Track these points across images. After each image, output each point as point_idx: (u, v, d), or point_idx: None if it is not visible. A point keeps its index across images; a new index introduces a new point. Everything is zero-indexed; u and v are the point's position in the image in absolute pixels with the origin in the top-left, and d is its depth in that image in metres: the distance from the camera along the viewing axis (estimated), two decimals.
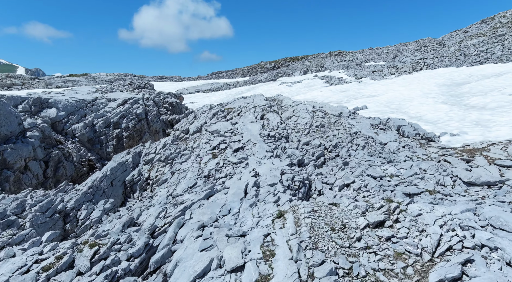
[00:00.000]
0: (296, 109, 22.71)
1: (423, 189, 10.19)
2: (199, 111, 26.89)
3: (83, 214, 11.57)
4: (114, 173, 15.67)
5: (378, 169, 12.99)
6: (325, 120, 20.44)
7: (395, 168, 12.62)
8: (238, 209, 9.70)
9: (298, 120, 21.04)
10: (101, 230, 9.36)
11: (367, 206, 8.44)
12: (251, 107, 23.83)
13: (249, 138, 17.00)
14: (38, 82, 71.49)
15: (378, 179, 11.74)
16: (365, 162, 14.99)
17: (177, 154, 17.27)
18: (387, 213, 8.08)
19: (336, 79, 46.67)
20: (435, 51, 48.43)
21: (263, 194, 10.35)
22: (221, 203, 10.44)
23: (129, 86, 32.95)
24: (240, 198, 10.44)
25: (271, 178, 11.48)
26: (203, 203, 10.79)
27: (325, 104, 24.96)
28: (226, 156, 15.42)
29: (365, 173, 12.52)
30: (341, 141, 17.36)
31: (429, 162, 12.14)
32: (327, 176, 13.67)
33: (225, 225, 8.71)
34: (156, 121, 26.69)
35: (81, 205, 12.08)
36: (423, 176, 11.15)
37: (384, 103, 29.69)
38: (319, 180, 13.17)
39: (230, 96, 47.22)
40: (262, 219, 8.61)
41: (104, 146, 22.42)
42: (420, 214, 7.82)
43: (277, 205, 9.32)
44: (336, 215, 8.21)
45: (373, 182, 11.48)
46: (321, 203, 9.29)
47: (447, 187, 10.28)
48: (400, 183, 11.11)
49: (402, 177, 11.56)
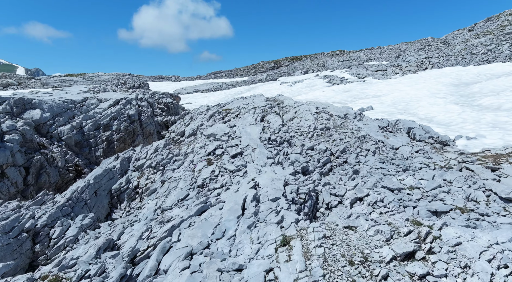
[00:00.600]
0: (299, 110, 21.14)
1: (451, 206, 8.61)
2: (195, 112, 25.33)
3: (57, 232, 10.00)
4: (99, 181, 14.09)
5: (394, 179, 11.41)
6: (330, 122, 18.87)
7: (413, 178, 11.04)
8: (234, 230, 8.11)
9: (301, 122, 19.47)
10: (69, 258, 7.78)
11: (392, 231, 6.87)
12: (250, 108, 22.26)
13: (248, 142, 15.42)
14: (35, 82, 69.84)
15: (396, 191, 10.16)
16: (377, 169, 13.41)
17: (169, 160, 15.69)
18: (417, 241, 6.51)
19: (339, 79, 45.09)
20: (440, 50, 46.85)
21: (264, 212, 8.77)
22: (214, 221, 8.86)
23: (123, 85, 31.32)
24: (237, 216, 8.86)
25: (273, 191, 9.90)
26: (194, 221, 9.22)
27: (328, 105, 23.41)
28: (223, 162, 13.84)
29: (379, 184, 10.94)
30: (349, 145, 15.78)
31: (454, 173, 10.57)
32: (335, 186, 12.08)
33: (217, 254, 7.13)
34: (150, 123, 25.11)
35: (56, 221, 10.50)
36: (449, 189, 9.59)
37: (390, 103, 28.11)
38: (327, 192, 11.59)
39: (229, 96, 45.64)
40: (263, 246, 7.04)
41: (93, 150, 20.83)
42: (459, 243, 6.25)
43: (281, 228, 7.75)
44: (354, 243, 6.64)
45: (391, 195, 9.90)
46: (333, 225, 7.71)
47: (480, 203, 8.71)
48: (423, 197, 9.54)
49: (423, 190, 9.99)
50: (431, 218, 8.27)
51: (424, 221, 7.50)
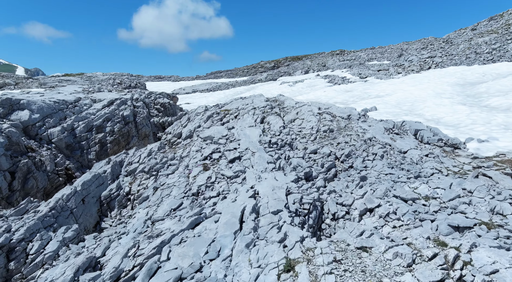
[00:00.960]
0: (300, 111, 20.14)
1: (475, 220, 7.63)
2: (193, 113, 24.34)
3: (35, 247, 9.00)
4: (87, 188, 13.09)
5: (406, 187, 10.41)
6: (334, 124, 17.88)
7: (428, 186, 10.04)
8: (231, 250, 7.12)
9: (302, 123, 18.48)
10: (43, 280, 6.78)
11: (413, 254, 5.89)
12: (250, 108, 21.27)
13: (247, 145, 14.43)
14: (32, 82, 68.84)
15: (410, 202, 9.17)
16: (385, 175, 12.42)
17: (163, 164, 14.70)
18: (445, 267, 5.53)
19: (340, 79, 44.10)
20: (443, 49, 45.86)
21: (264, 227, 7.77)
22: (209, 237, 7.86)
23: (119, 85, 30.32)
24: (234, 231, 7.86)
25: (274, 202, 8.90)
26: (187, 236, 8.22)
27: (331, 105, 22.42)
28: (220, 168, 12.84)
29: (390, 193, 9.95)
30: (355, 149, 14.78)
31: (474, 181, 9.57)
32: (342, 194, 11.08)
33: (211, 280, 6.14)
34: (145, 124, 24.10)
35: (35, 234, 9.51)
36: (470, 200, 8.60)
37: (394, 104, 27.13)
38: (332, 201, 10.59)
39: (228, 96, 44.64)
40: (263, 270, 6.05)
41: (86, 153, 19.83)
42: (495, 271, 5.27)
43: (284, 247, 6.76)
44: (370, 269, 5.66)
45: (404, 206, 8.90)
46: (343, 245, 6.72)
47: (508, 217, 7.72)
48: (441, 209, 8.54)
49: (441, 200, 8.99)
50: (454, 235, 7.28)
51: (448, 240, 6.51)
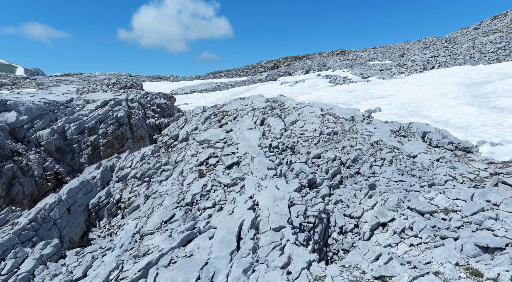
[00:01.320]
0: (302, 113, 19.16)
1: (506, 239, 6.64)
2: (190, 114, 23.37)
3: (8, 267, 8.01)
4: (73, 196, 12.09)
5: (421, 197, 9.41)
6: (338, 126, 16.89)
7: (445, 197, 9.05)
8: (226, 275, 6.13)
9: (305, 125, 17.50)
10: None
11: None
12: (249, 110, 20.29)
13: (246, 149, 13.43)
14: (29, 82, 67.81)
15: (427, 215, 8.18)
16: (395, 183, 11.43)
17: (156, 169, 13.70)
18: None
19: (341, 79, 43.11)
20: (447, 48, 44.88)
21: (265, 248, 6.78)
22: (201, 258, 6.87)
23: (115, 85, 29.33)
24: (231, 251, 6.87)
25: (276, 217, 7.91)
26: (177, 256, 7.23)
27: (333, 106, 21.44)
28: (216, 174, 11.85)
29: (404, 204, 8.95)
30: (361, 153, 13.79)
31: (501, 193, 8.56)
32: (349, 205, 10.09)
33: None
34: (141, 126, 23.10)
35: (9, 250, 8.53)
36: (496, 215, 7.61)
37: (399, 104, 26.13)
38: (340, 213, 9.60)
39: (227, 96, 43.66)
40: None
41: (77, 156, 18.83)
42: None
43: (288, 274, 5.77)
44: None
45: (421, 220, 7.92)
46: (358, 272, 5.72)
47: None
48: (464, 224, 7.55)
49: (462, 214, 8.00)
50: (483, 257, 6.30)
51: (481, 268, 5.53)
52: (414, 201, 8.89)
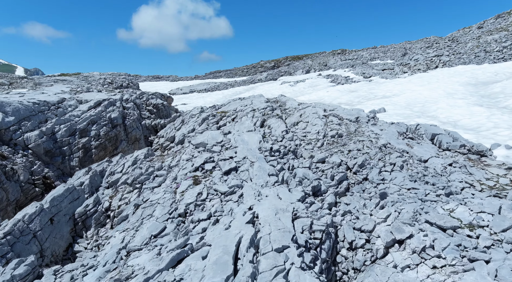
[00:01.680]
0: (304, 113, 18.17)
1: None
2: (187, 115, 22.39)
3: None
4: (58, 204, 11.10)
5: (440, 209, 8.43)
6: (342, 128, 15.90)
7: (467, 209, 8.06)
8: None
9: (307, 127, 16.51)
10: None
11: None
12: (249, 110, 19.31)
13: (246, 154, 12.44)
14: (27, 81, 66.86)
15: (450, 231, 7.19)
16: (407, 191, 10.44)
17: (149, 175, 12.71)
18: None
19: (343, 78, 42.13)
20: (450, 47, 43.90)
21: (266, 274, 5.79)
22: None
23: (110, 85, 28.33)
24: (226, 277, 5.88)
25: (279, 234, 6.92)
26: (165, 280, 6.24)
27: (336, 107, 20.46)
28: (213, 181, 10.86)
29: (421, 217, 7.97)
30: (369, 158, 12.80)
31: None
32: (359, 216, 9.10)
33: None
34: (136, 127, 22.11)
35: None
36: None
37: (404, 105, 25.15)
38: (349, 226, 8.62)
39: (226, 96, 42.66)
40: None
41: (67, 159, 17.84)
42: None
43: None
44: None
45: (443, 237, 6.94)
46: None
47: None
48: (494, 243, 6.57)
49: (491, 231, 7.01)
50: None
51: None
52: (433, 214, 7.89)
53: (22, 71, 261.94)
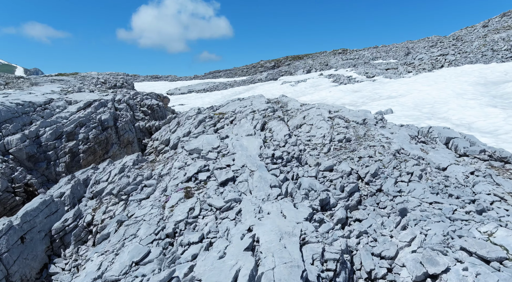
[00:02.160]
0: (308, 115, 16.80)
1: None
2: (183, 117, 21.05)
3: None
4: (31, 220, 9.73)
5: (475, 231, 7.06)
6: (350, 131, 14.53)
7: (510, 232, 6.69)
8: None
9: (311, 130, 15.14)
10: None
11: None
12: (248, 112, 17.96)
13: (245, 161, 11.07)
14: (23, 81, 65.48)
15: (496, 264, 5.83)
16: (429, 205, 9.09)
17: (137, 184, 11.35)
18: None
19: (346, 78, 40.76)
20: (456, 46, 42.53)
21: None
22: None
23: (103, 85, 26.95)
24: None
25: (285, 271, 5.55)
26: None
27: (340, 108, 19.11)
28: (207, 194, 9.49)
29: (455, 243, 6.61)
30: (382, 165, 11.43)
31: None
32: (377, 237, 7.73)
33: None
34: (129, 129, 20.73)
35: None
36: None
37: (412, 106, 23.80)
38: (366, 251, 7.26)
39: (226, 97, 41.30)
40: None
41: (53, 165, 16.47)
42: None
43: None
44: None
45: (488, 272, 5.59)
46: None
47: None
48: None
49: None
50: None
51: None
52: (470, 240, 6.53)
53: (22, 71, 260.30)
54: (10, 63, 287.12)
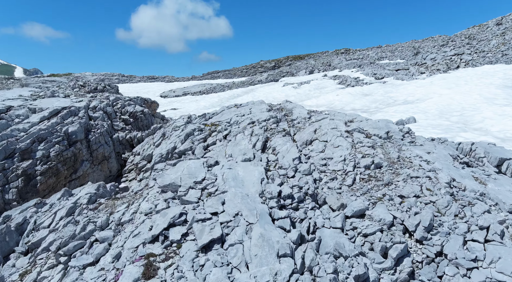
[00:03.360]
0: (320, 129, 13.29)
1: None
2: (170, 127, 17.59)
3: None
4: None
5: None
6: (379, 152, 10.96)
7: None
8: None
9: (327, 150, 11.60)
10: None
11: None
12: (246, 123, 14.49)
13: (239, 206, 7.52)
14: (13, 82, 61.88)
15: None
16: None
17: (85, 238, 7.81)
18: None
19: (353, 80, 37.20)
20: (471, 45, 38.99)
21: None
22: None
23: (82, 88, 23.38)
24: None
25: None
26: None
27: (355, 116, 15.65)
28: (179, 270, 5.96)
29: None
30: (437, 211, 7.88)
31: None
32: None
33: None
34: (104, 142, 17.19)
35: None
36: None
37: (436, 113, 20.27)
38: None
39: (223, 100, 37.76)
40: None
41: (1, 191, 12.95)
42: None
43: None
44: None
45: None
46: None
47: None
48: None
49: None
50: None
51: None
52: None
53: (21, 72, 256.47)
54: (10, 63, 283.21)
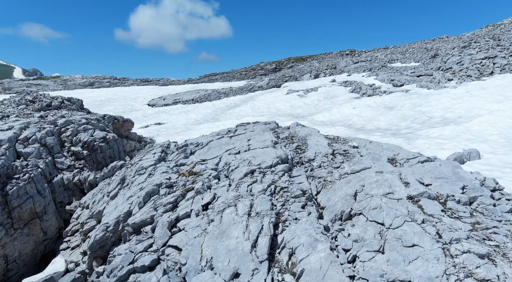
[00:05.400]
0: (363, 191, 7.79)
1: None
2: (135, 166, 12.26)
3: None
4: None
5: None
6: (492, 269, 5.38)
7: None
8: None
9: (389, 251, 6.03)
10: None
11: None
12: (242, 174, 9.06)
13: None
14: None
15: None
16: None
17: None
18: None
19: (368, 87, 31.63)
20: (503, 47, 33.43)
21: None
22: None
23: (31, 105, 17.74)
24: None
25: None
26: None
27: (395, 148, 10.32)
28: None
29: None
30: None
31: None
32: None
33: None
34: (36, 192, 11.63)
35: None
36: None
37: (501, 141, 14.65)
38: None
39: (218, 110, 32.22)
40: None
41: None
42: None
43: None
44: None
45: None
46: None
47: None
48: None
49: None
50: None
51: None
52: None
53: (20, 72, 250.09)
54: (9, 64, 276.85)
